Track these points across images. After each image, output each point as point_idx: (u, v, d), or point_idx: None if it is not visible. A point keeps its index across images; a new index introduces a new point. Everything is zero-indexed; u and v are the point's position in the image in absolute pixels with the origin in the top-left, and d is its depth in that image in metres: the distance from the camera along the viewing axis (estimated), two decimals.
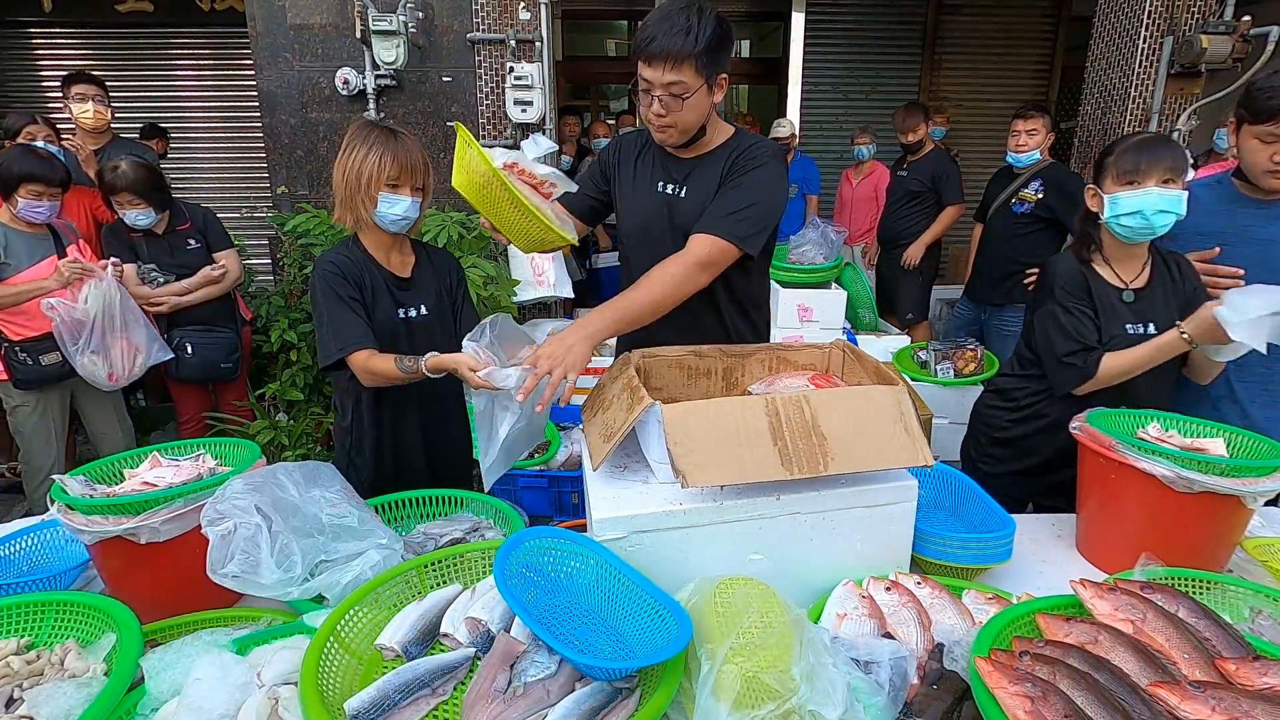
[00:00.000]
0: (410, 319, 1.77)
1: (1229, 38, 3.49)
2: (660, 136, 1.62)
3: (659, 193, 1.72)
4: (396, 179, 1.65)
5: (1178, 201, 1.55)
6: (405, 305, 1.77)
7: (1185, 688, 0.83)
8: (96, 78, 3.45)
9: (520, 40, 3.59)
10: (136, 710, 0.94)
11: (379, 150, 1.64)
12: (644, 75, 1.51)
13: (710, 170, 1.68)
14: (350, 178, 1.65)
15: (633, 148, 1.78)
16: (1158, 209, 1.55)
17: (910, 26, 6.54)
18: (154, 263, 2.91)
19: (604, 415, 1.31)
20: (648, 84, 1.52)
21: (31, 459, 2.87)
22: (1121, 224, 1.60)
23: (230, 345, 3.07)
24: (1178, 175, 1.56)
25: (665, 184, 1.71)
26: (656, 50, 1.47)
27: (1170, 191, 1.55)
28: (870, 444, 1.16)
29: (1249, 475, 1.25)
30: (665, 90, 1.50)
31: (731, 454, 1.12)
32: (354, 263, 1.71)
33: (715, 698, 0.85)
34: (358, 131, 1.67)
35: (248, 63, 4.01)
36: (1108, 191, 1.61)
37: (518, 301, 3.58)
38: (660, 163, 1.72)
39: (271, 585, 1.09)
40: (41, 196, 2.59)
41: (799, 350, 1.55)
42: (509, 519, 1.50)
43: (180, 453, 1.43)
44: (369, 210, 1.66)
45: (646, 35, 1.48)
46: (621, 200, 1.79)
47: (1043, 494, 1.82)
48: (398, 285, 1.77)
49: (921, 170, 4.34)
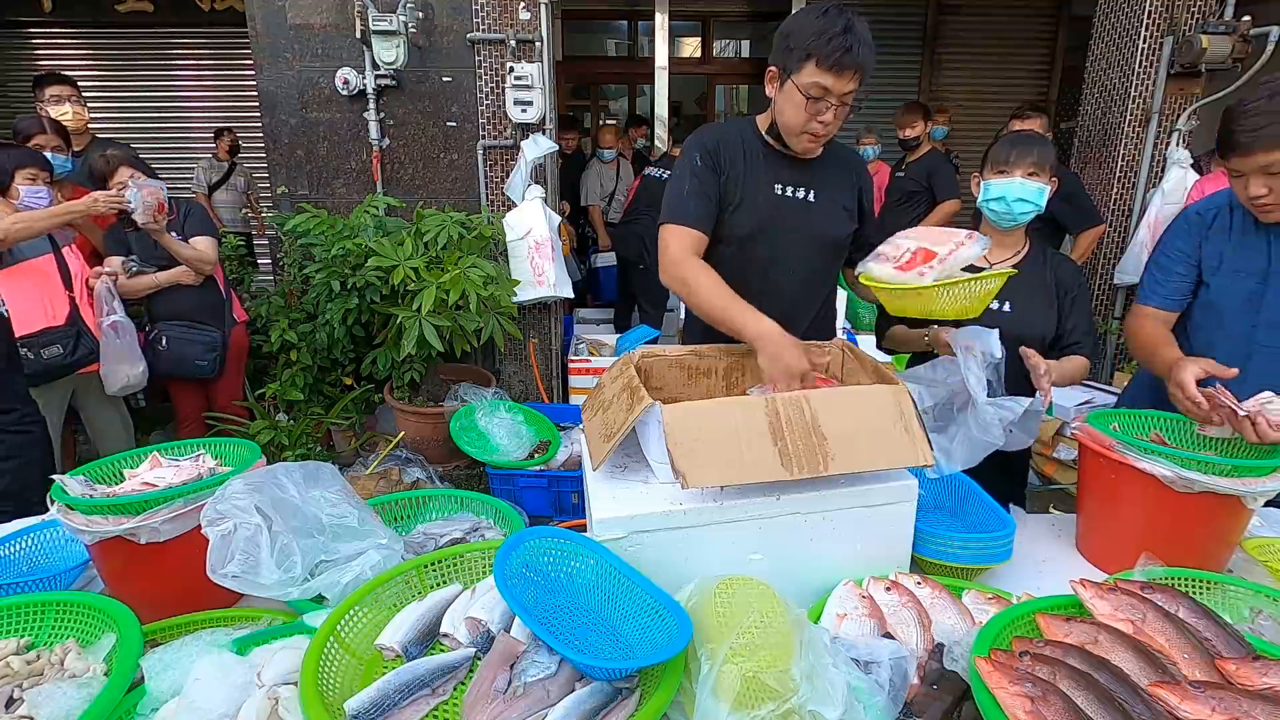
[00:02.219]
0: None
1: (1229, 38, 3.49)
2: (811, 147, 1.61)
3: (781, 195, 1.67)
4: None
5: (1039, 194, 1.74)
6: None
7: (1185, 688, 0.83)
8: (69, 78, 3.42)
9: (520, 40, 3.59)
10: (136, 710, 0.94)
11: None
12: (825, 83, 1.48)
13: (829, 175, 1.71)
14: None
15: (736, 144, 1.68)
16: (1018, 196, 1.74)
17: (910, 26, 6.55)
18: (140, 255, 2.94)
19: (604, 415, 1.31)
20: (825, 92, 1.49)
21: None
22: (990, 208, 1.81)
23: (210, 343, 3.05)
24: (1042, 171, 1.75)
25: (786, 187, 1.67)
26: (850, 62, 1.45)
27: (1032, 183, 1.74)
28: (870, 444, 1.16)
29: (1249, 475, 1.24)
30: (841, 100, 1.51)
31: (732, 454, 1.12)
32: None
33: (715, 698, 0.85)
34: None
35: (248, 63, 4.00)
36: (985, 178, 1.82)
37: (518, 301, 3.58)
38: (771, 164, 1.67)
39: (271, 585, 1.09)
40: (37, 180, 2.62)
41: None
42: (509, 519, 1.50)
43: (180, 453, 1.43)
44: None
45: (836, 45, 1.44)
46: (738, 198, 1.67)
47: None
48: None
49: (918, 170, 4.40)
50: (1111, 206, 3.98)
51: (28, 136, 2.90)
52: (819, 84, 1.48)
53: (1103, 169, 4.05)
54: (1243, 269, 1.62)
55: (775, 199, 1.66)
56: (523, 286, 3.61)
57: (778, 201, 1.66)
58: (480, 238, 3.43)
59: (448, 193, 3.89)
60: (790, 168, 1.68)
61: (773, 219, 1.66)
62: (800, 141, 1.60)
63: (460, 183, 3.89)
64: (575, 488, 2.83)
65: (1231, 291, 1.63)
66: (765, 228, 1.66)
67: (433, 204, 3.72)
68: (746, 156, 1.67)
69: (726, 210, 1.67)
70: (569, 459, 2.99)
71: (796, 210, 1.67)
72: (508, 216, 3.63)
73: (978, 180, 1.87)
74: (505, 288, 3.32)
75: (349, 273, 3.30)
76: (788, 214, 1.67)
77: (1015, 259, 1.88)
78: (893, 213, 4.57)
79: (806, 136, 1.57)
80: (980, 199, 1.83)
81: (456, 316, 3.14)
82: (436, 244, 3.22)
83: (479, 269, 3.12)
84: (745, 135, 1.70)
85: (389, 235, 3.34)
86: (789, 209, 1.67)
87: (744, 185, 1.66)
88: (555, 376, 4.13)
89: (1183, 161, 3.70)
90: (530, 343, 3.97)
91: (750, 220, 1.66)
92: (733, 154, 1.66)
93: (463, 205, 3.86)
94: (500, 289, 3.26)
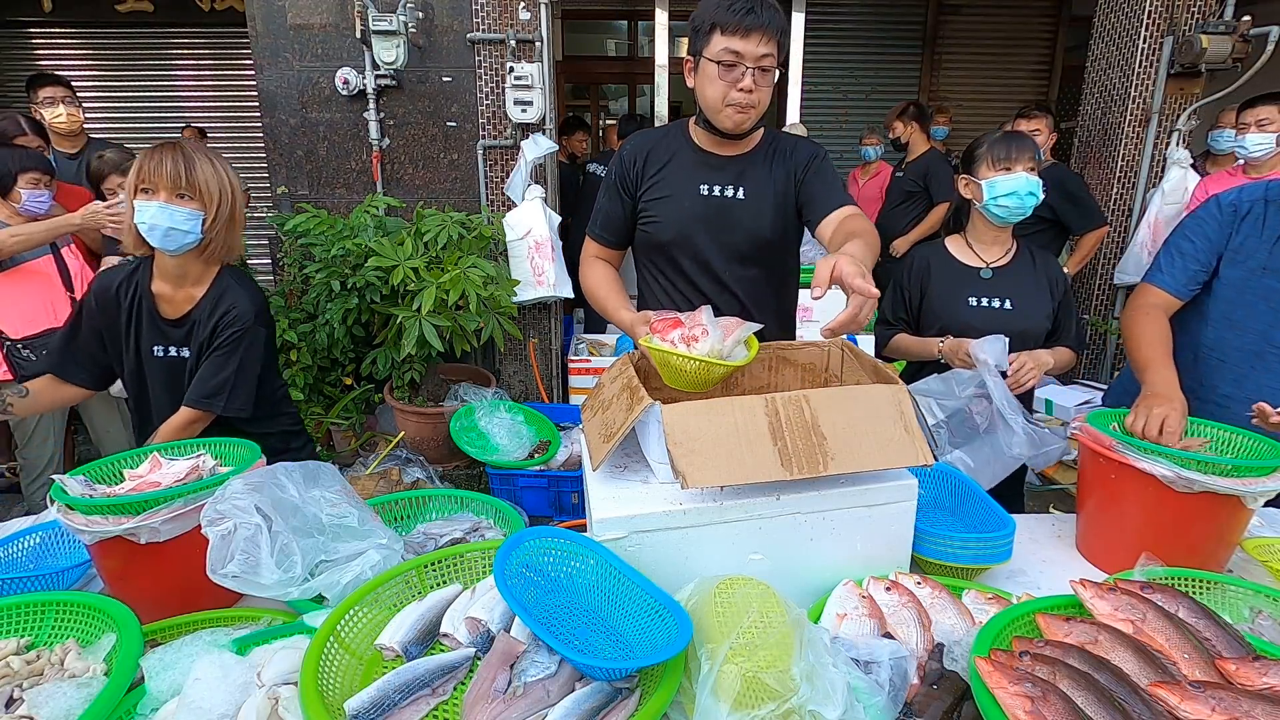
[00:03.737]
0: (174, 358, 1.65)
1: (1229, 38, 3.49)
2: (739, 119, 1.56)
3: (707, 196, 1.66)
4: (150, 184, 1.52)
5: (1039, 186, 1.85)
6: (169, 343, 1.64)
7: (1185, 688, 0.82)
8: (62, 78, 3.41)
9: (520, 40, 3.59)
10: (136, 710, 0.94)
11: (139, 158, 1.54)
12: (734, 48, 1.47)
13: (759, 170, 1.67)
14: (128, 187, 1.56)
15: (662, 150, 1.71)
16: (1029, 190, 1.82)
17: (910, 26, 6.54)
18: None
19: (604, 415, 1.30)
20: (737, 57, 1.47)
21: (30, 455, 2.88)
22: (1000, 204, 1.85)
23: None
24: (1036, 165, 1.85)
25: (712, 187, 1.66)
26: (755, 22, 1.45)
27: (1033, 176, 1.84)
28: (870, 443, 1.16)
29: (1249, 475, 1.25)
30: (757, 64, 1.49)
31: (732, 454, 1.12)
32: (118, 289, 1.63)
33: (715, 698, 0.85)
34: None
35: (248, 63, 4.01)
36: (984, 177, 1.86)
37: (518, 301, 3.58)
38: (698, 166, 1.67)
39: (272, 585, 1.09)
40: (39, 184, 2.62)
41: (800, 349, 1.55)
42: (509, 519, 1.50)
43: (180, 453, 1.43)
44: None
45: (737, 8, 1.45)
46: (657, 206, 1.70)
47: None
48: (165, 323, 1.65)
49: (915, 170, 4.40)
50: (1111, 206, 3.98)
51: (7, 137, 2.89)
52: (728, 49, 1.48)
53: (1103, 169, 4.05)
54: (1270, 266, 1.59)
55: (700, 200, 1.66)
56: (523, 286, 3.61)
57: (703, 202, 1.66)
58: (480, 238, 3.42)
59: (448, 193, 3.90)
60: (719, 168, 1.66)
61: (697, 220, 1.66)
62: (726, 117, 1.56)
63: (460, 183, 3.89)
64: (575, 488, 2.83)
65: (1251, 288, 1.62)
66: (690, 230, 1.67)
67: (433, 204, 3.72)
68: (673, 161, 1.68)
69: (651, 215, 1.70)
70: (569, 459, 2.99)
71: (724, 210, 1.66)
72: (508, 216, 3.63)
73: (968, 181, 1.91)
74: (505, 288, 3.32)
75: (349, 273, 3.30)
76: (714, 214, 1.66)
77: (1007, 258, 1.94)
78: (892, 214, 4.57)
79: (731, 109, 1.55)
80: (987, 198, 1.86)
81: (456, 316, 3.14)
82: (436, 244, 3.22)
83: (479, 269, 3.12)
84: (674, 140, 1.71)
85: (389, 235, 3.34)
86: (715, 209, 1.66)
87: (667, 188, 1.67)
88: (555, 376, 4.13)
89: (1183, 161, 3.70)
90: (530, 343, 3.97)
91: (674, 223, 1.67)
92: (658, 160, 1.69)
93: (463, 205, 3.86)
94: (500, 289, 3.26)
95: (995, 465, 1.68)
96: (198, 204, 1.54)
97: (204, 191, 1.53)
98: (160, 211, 1.50)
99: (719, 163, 1.67)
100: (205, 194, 1.53)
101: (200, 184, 1.52)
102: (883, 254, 4.65)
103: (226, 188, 1.57)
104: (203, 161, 1.54)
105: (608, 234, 1.77)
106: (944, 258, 2.00)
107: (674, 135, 1.72)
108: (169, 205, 1.51)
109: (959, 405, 1.72)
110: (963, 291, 1.94)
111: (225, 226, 1.59)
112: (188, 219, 1.53)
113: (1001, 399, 1.66)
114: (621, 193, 1.72)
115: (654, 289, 1.80)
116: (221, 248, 1.62)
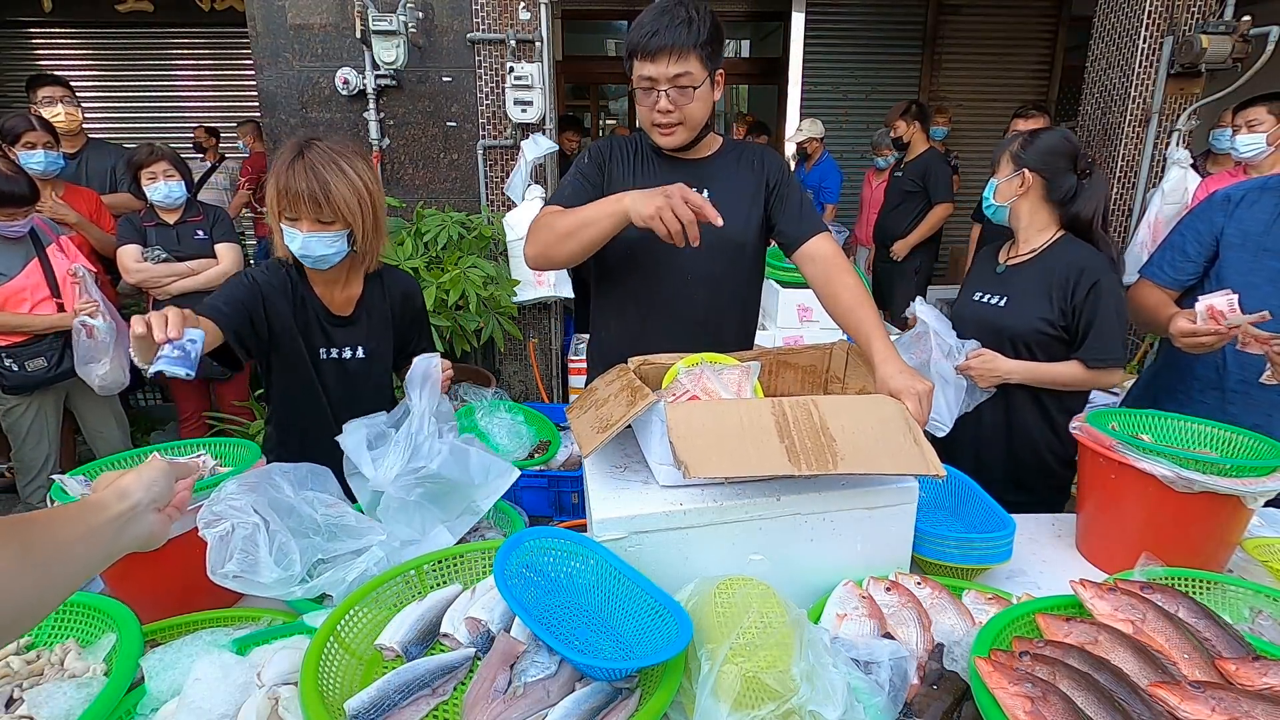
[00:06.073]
0: (343, 360, 1.67)
1: (1229, 38, 3.49)
2: (667, 140, 1.58)
3: None
4: (292, 213, 1.49)
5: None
6: (338, 345, 1.66)
7: (1185, 688, 0.82)
8: (61, 79, 3.43)
9: (520, 40, 3.59)
10: (136, 710, 0.94)
11: (273, 176, 1.49)
12: (646, 73, 1.50)
13: (727, 172, 1.66)
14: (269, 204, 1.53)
15: (627, 152, 1.70)
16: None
17: (910, 26, 6.55)
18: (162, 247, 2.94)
19: (597, 411, 1.30)
20: (651, 81, 1.50)
21: (24, 457, 2.87)
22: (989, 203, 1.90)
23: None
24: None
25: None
26: (659, 44, 1.46)
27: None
28: (879, 448, 1.15)
29: (1249, 475, 1.24)
30: (672, 84, 1.49)
31: (737, 448, 1.11)
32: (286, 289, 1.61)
33: (715, 698, 0.85)
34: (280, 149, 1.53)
35: (248, 63, 4.00)
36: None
37: (517, 301, 3.58)
38: (664, 168, 1.66)
39: (271, 584, 1.09)
40: (15, 217, 2.58)
41: (800, 353, 1.54)
42: (509, 519, 1.50)
43: (180, 453, 1.43)
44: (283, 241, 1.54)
45: (645, 31, 1.47)
46: None
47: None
48: (332, 322, 1.66)
49: (915, 170, 4.39)
50: (1111, 206, 3.98)
51: (16, 135, 2.90)
52: (641, 75, 1.51)
53: (1103, 169, 4.05)
54: (1267, 248, 1.63)
55: None
56: (523, 286, 3.61)
57: None
58: (480, 238, 3.43)
59: (448, 193, 3.89)
60: (685, 171, 1.65)
61: None
62: (656, 136, 1.59)
63: (460, 183, 3.89)
64: (575, 488, 2.83)
65: (1254, 270, 1.64)
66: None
67: (433, 204, 3.72)
68: (637, 162, 1.68)
69: None
70: (569, 459, 2.99)
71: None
72: (508, 216, 3.63)
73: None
74: (505, 288, 3.32)
75: None
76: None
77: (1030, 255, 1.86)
78: (892, 215, 4.57)
79: (657, 131, 1.58)
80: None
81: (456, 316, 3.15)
82: (436, 244, 3.22)
83: (479, 269, 3.12)
84: (638, 145, 1.71)
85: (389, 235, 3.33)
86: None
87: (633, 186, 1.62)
88: (555, 376, 4.13)
89: (1183, 161, 3.70)
90: (530, 343, 3.97)
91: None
92: (622, 159, 1.68)
93: (463, 205, 3.86)
94: (500, 289, 3.26)
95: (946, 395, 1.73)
96: (341, 224, 1.51)
97: (344, 210, 1.49)
98: (308, 241, 1.50)
99: (686, 164, 1.67)
100: (347, 212, 1.50)
101: (339, 204, 1.48)
102: (883, 256, 4.66)
103: (365, 198, 1.52)
104: (336, 177, 1.48)
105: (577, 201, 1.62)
106: (987, 253, 2.00)
107: (643, 138, 1.71)
108: (314, 234, 1.50)
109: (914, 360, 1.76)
110: (976, 286, 1.95)
111: (372, 233, 1.58)
112: (335, 240, 1.52)
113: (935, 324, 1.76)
114: (593, 176, 1.68)
115: (613, 290, 1.75)
116: (373, 252, 1.63)
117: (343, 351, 1.67)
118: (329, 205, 1.48)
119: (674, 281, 1.68)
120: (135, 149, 2.99)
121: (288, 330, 1.62)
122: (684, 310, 1.69)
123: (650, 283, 1.69)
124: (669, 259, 1.65)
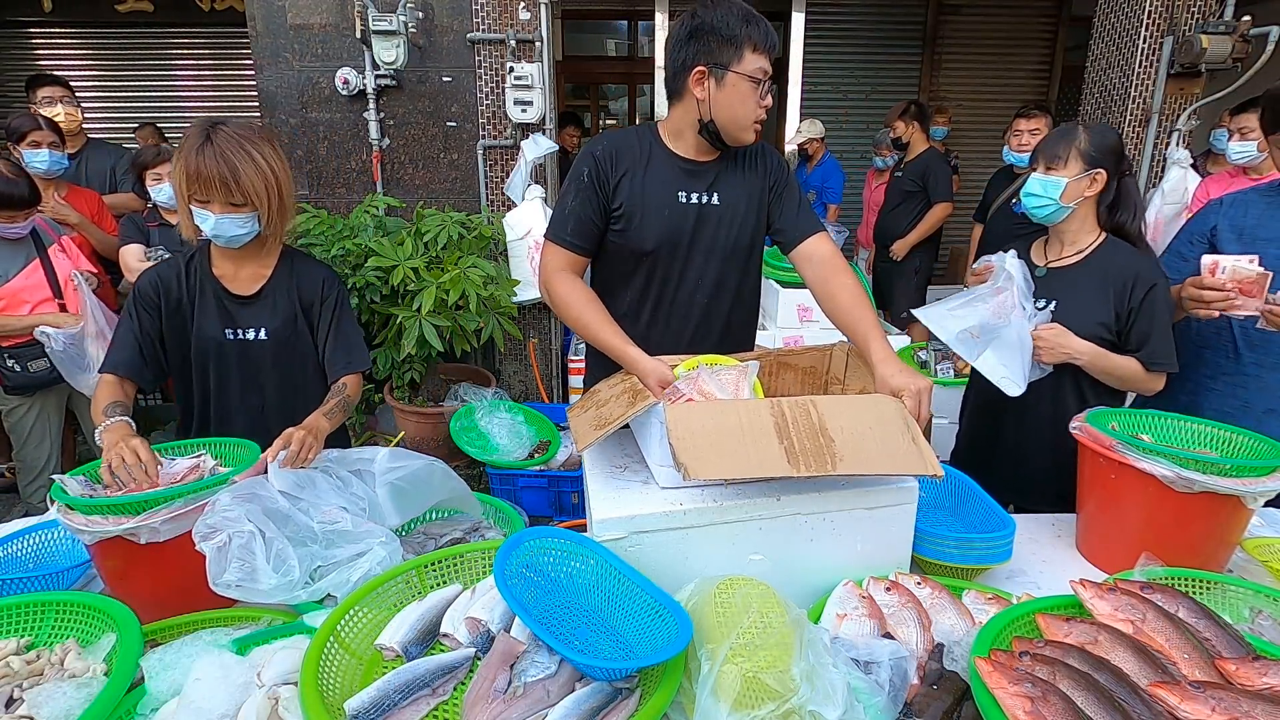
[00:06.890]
0: (245, 340, 1.68)
1: (1229, 38, 3.49)
2: (757, 133, 1.62)
3: (686, 204, 1.63)
4: (202, 196, 1.52)
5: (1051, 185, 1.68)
6: (238, 326, 1.67)
7: (1185, 688, 0.83)
8: (61, 79, 3.42)
9: (520, 40, 3.59)
10: (136, 710, 0.94)
11: (181, 160, 1.52)
12: (764, 66, 1.53)
13: (733, 175, 1.67)
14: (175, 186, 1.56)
15: (634, 153, 1.65)
16: (1029, 191, 1.73)
17: (910, 26, 6.55)
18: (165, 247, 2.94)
19: (598, 410, 1.30)
20: (766, 74, 1.54)
21: (26, 457, 2.87)
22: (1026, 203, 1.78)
23: None
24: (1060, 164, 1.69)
25: (690, 193, 1.63)
26: (775, 41, 1.53)
27: (1049, 176, 1.69)
28: (878, 448, 1.15)
29: (1249, 475, 1.25)
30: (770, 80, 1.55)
31: (736, 450, 1.12)
32: (176, 278, 1.64)
33: (715, 698, 0.85)
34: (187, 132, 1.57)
35: (248, 63, 4.00)
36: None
37: (517, 301, 3.58)
38: (674, 172, 1.64)
39: (271, 591, 1.09)
40: (15, 219, 2.58)
41: (800, 354, 1.54)
42: (509, 519, 1.50)
43: (180, 453, 1.43)
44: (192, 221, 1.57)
45: (764, 25, 1.51)
46: (640, 211, 1.62)
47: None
48: (234, 302, 1.67)
49: (914, 170, 4.38)
50: None
51: (22, 135, 2.90)
52: (761, 68, 1.53)
53: None
54: (1267, 238, 1.68)
55: (680, 208, 1.63)
56: (523, 286, 3.61)
57: (683, 211, 1.63)
58: (480, 238, 3.42)
59: (448, 193, 3.89)
60: (694, 174, 1.65)
61: (679, 229, 1.63)
62: (751, 132, 1.60)
63: (460, 183, 3.89)
64: (575, 488, 2.83)
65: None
66: (671, 239, 1.63)
67: (433, 204, 3.72)
68: (648, 166, 1.63)
69: (628, 223, 1.62)
70: (569, 459, 3.00)
71: (703, 216, 1.64)
72: (508, 216, 3.63)
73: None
74: (505, 288, 3.31)
75: (349, 273, 3.29)
76: (693, 223, 1.64)
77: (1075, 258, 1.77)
78: (891, 215, 4.56)
79: (757, 125, 1.59)
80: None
81: (456, 316, 3.14)
82: (436, 244, 3.22)
83: (479, 269, 3.11)
84: (645, 144, 1.65)
85: (389, 235, 3.33)
86: (694, 217, 1.64)
87: (645, 196, 1.61)
88: (555, 376, 4.13)
89: (1183, 161, 3.70)
90: (530, 343, 3.97)
91: (655, 232, 1.62)
92: (630, 163, 1.63)
93: (463, 205, 3.86)
94: (500, 289, 3.25)
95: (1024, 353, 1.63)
96: (251, 207, 1.56)
97: (253, 194, 1.54)
98: (219, 222, 1.54)
99: (695, 169, 1.65)
100: (255, 196, 1.55)
101: (248, 188, 1.53)
102: (883, 256, 4.66)
103: (272, 181, 1.57)
104: (244, 162, 1.52)
105: (580, 240, 1.62)
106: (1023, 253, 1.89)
107: (645, 138, 1.67)
108: (225, 215, 1.54)
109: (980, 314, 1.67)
110: None
111: (279, 214, 1.63)
112: (245, 222, 1.57)
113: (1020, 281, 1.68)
114: (597, 193, 1.61)
115: (616, 291, 1.72)
116: (280, 231, 1.68)
117: (246, 332, 1.68)
118: (239, 189, 1.52)
119: (680, 286, 1.68)
120: (141, 149, 2.99)
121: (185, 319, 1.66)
122: (688, 312, 1.70)
123: (655, 286, 1.69)
124: (677, 265, 1.66)
